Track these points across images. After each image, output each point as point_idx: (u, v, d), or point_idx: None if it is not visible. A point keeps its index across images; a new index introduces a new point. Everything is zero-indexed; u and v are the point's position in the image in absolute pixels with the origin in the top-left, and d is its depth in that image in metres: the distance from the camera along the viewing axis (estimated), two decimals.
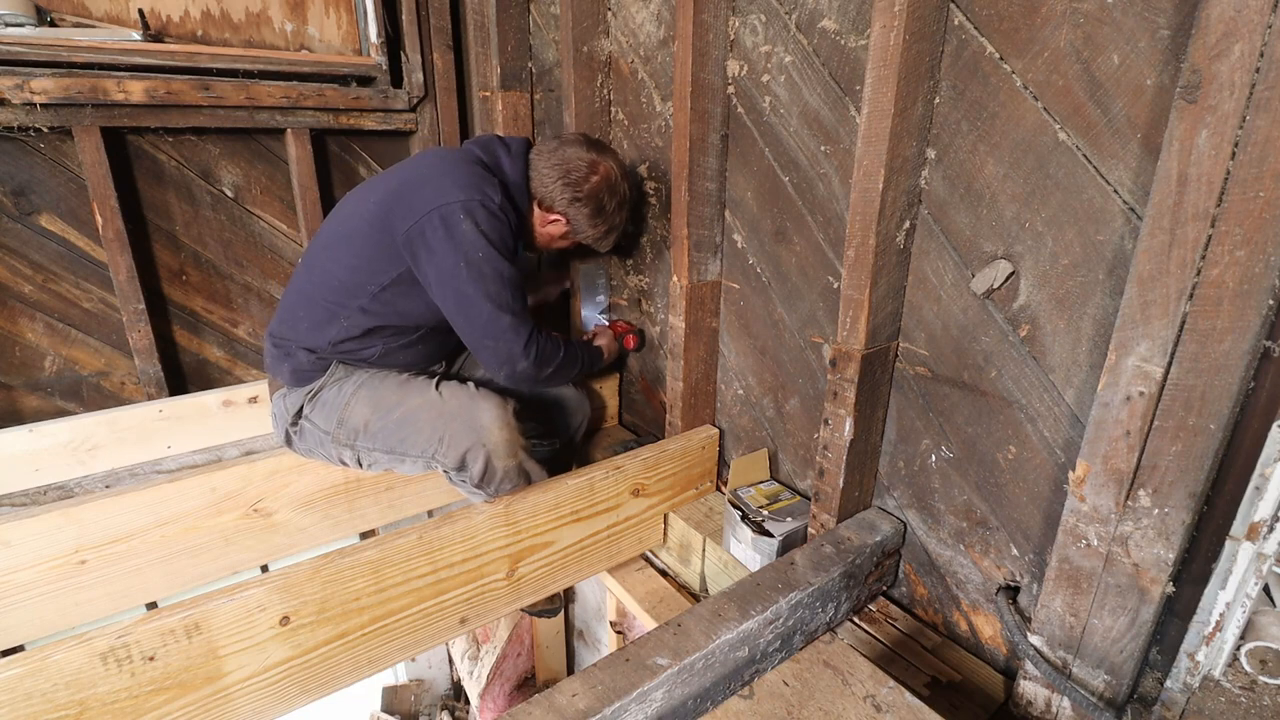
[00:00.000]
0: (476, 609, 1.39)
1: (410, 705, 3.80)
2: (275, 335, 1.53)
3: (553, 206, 1.54)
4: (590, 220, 1.56)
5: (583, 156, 1.52)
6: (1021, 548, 1.13)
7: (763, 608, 1.06)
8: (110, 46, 1.81)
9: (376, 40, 2.19)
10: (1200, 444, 0.81)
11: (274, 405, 1.57)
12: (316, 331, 1.47)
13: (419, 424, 1.45)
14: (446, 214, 1.36)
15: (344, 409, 1.48)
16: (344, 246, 1.45)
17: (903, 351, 1.25)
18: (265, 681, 1.17)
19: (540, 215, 1.57)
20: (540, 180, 1.53)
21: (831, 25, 1.23)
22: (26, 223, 1.93)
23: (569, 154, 1.52)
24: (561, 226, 1.58)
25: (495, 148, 1.53)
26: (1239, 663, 0.97)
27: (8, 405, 2.01)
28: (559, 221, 1.56)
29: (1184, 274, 0.78)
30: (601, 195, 1.54)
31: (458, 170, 1.42)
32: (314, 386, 1.50)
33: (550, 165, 1.52)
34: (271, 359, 1.55)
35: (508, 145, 1.55)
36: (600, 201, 1.54)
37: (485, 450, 1.43)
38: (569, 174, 1.51)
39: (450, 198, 1.36)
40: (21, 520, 1.37)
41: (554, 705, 0.90)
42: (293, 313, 1.50)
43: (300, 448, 1.56)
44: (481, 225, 1.37)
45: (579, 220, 1.56)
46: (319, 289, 1.47)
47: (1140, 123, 0.87)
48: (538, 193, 1.54)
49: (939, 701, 1.10)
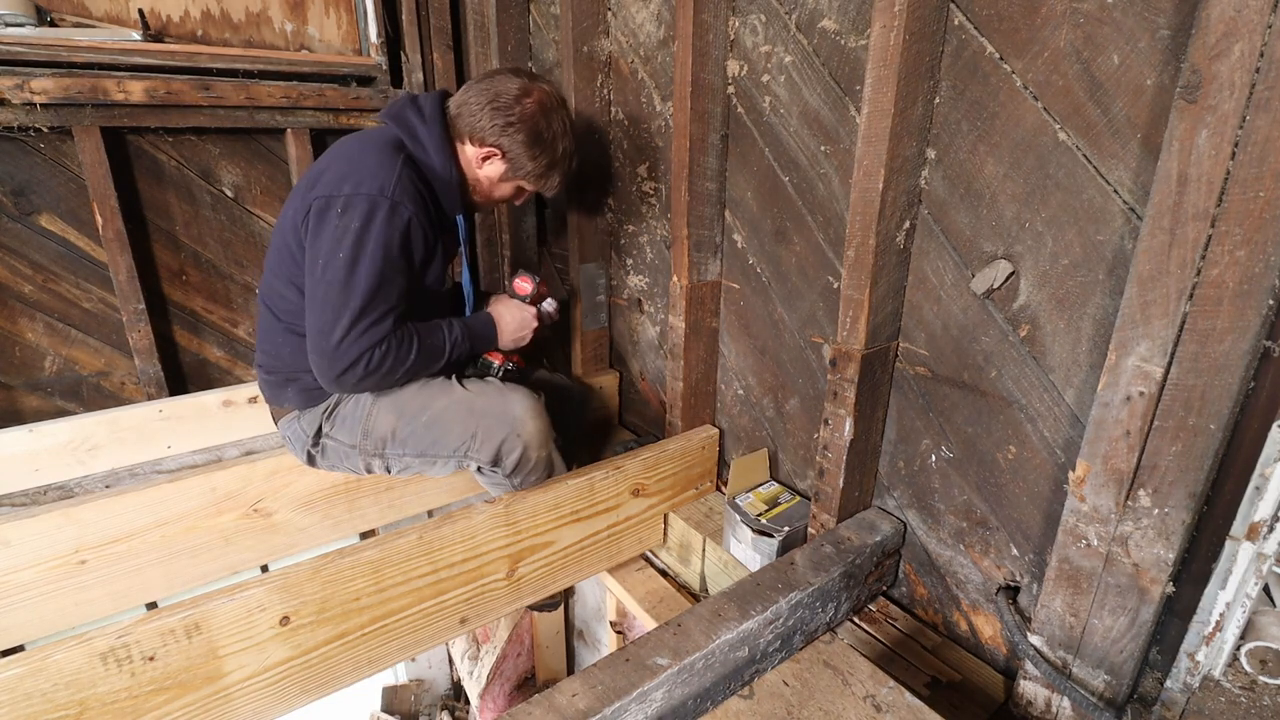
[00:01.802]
0: (476, 609, 1.39)
1: (410, 705, 3.80)
2: (265, 367, 1.50)
3: (484, 139, 1.42)
4: (528, 150, 1.43)
5: (512, 81, 1.42)
6: (1021, 548, 1.13)
7: (763, 608, 1.06)
8: (110, 46, 1.81)
9: (376, 40, 2.20)
10: (1200, 444, 0.81)
11: (284, 430, 1.53)
12: (300, 356, 1.41)
13: (449, 424, 1.43)
14: (325, 205, 1.30)
15: (367, 420, 1.45)
16: (279, 265, 1.41)
17: (903, 351, 1.25)
18: (265, 681, 1.17)
19: (474, 153, 1.44)
20: (469, 115, 1.42)
21: (831, 25, 1.23)
22: (26, 223, 1.93)
23: (496, 81, 1.42)
24: (498, 164, 1.45)
25: (406, 112, 1.42)
26: (1239, 663, 0.97)
27: (8, 405, 2.01)
28: (494, 157, 1.44)
29: (1184, 274, 0.78)
30: (537, 120, 1.41)
31: (357, 158, 1.34)
32: (328, 405, 1.47)
33: (476, 95, 1.42)
34: (270, 388, 1.51)
35: (419, 106, 1.43)
36: (536, 127, 1.41)
37: (522, 441, 1.42)
38: (497, 98, 1.40)
39: (332, 190, 1.30)
40: (21, 520, 1.37)
41: (554, 705, 0.90)
42: (271, 343, 1.47)
43: (324, 465, 1.54)
44: (360, 220, 1.29)
45: (516, 152, 1.43)
46: (280, 315, 1.44)
47: (1140, 123, 0.87)
48: (467, 128, 1.42)
49: (939, 701, 1.10)
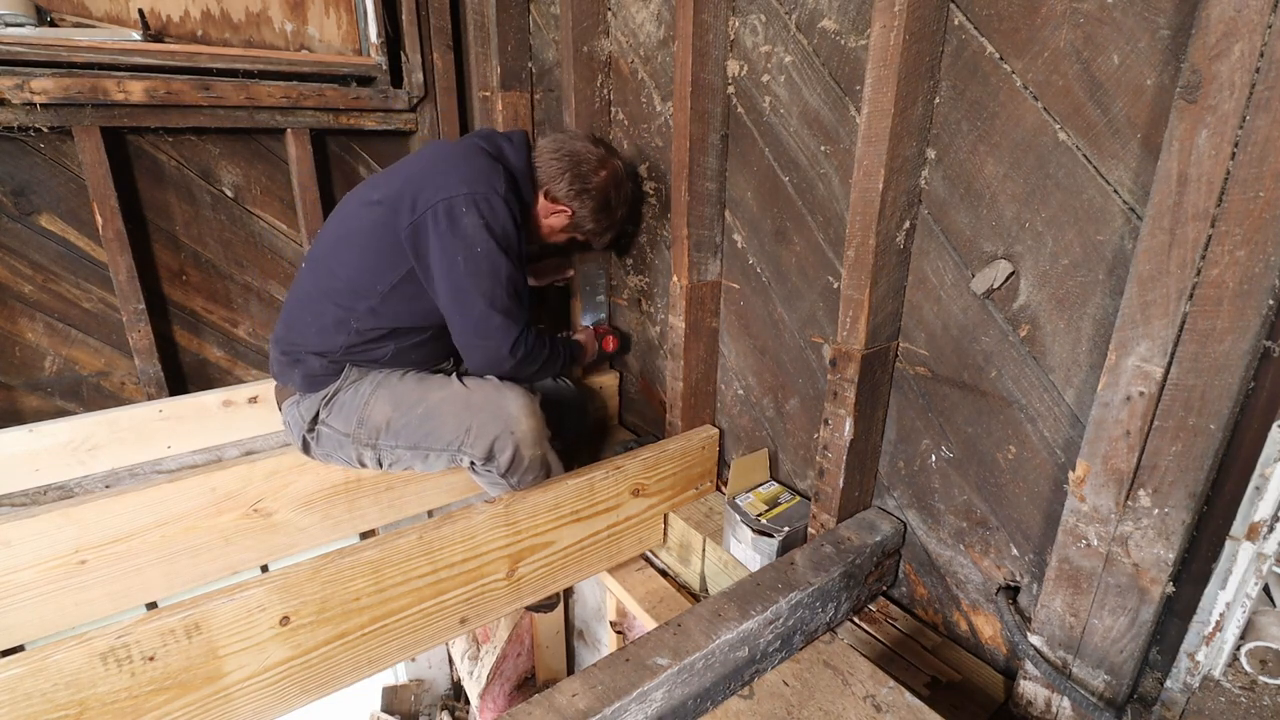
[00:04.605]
0: (476, 609, 1.39)
1: (410, 705, 3.80)
2: (282, 342, 1.51)
3: (559, 198, 1.55)
4: (594, 215, 1.59)
5: (592, 151, 1.55)
6: (1021, 548, 1.13)
7: (763, 608, 1.06)
8: (110, 46, 1.81)
9: (376, 40, 2.19)
10: (1200, 444, 0.81)
11: (285, 414, 1.55)
12: (326, 336, 1.46)
13: (444, 417, 1.45)
14: (450, 207, 1.36)
15: (363, 409, 1.47)
16: (349, 247, 1.45)
17: (903, 351, 1.25)
18: (265, 681, 1.17)
19: (545, 206, 1.58)
20: (547, 171, 1.54)
21: (831, 25, 1.23)
22: (26, 223, 1.92)
23: (579, 147, 1.55)
24: (565, 219, 1.59)
25: (497, 139, 1.55)
26: (1239, 663, 0.97)
27: (8, 405, 2.01)
28: (563, 213, 1.58)
29: (1184, 274, 0.78)
30: (609, 191, 1.57)
31: (463, 163, 1.42)
32: (328, 391, 1.49)
33: (559, 156, 1.53)
34: (280, 366, 1.53)
35: (509, 137, 1.56)
36: (607, 197, 1.57)
37: (514, 438, 1.43)
38: (578, 165, 1.53)
39: (454, 190, 1.37)
40: (21, 520, 1.37)
41: (554, 705, 0.90)
42: (299, 318, 1.49)
43: (318, 453, 1.55)
44: (485, 217, 1.38)
45: (583, 213, 1.58)
46: (326, 292, 1.46)
47: (1140, 123, 0.87)
48: (544, 183, 1.55)
49: (939, 701, 1.10)
